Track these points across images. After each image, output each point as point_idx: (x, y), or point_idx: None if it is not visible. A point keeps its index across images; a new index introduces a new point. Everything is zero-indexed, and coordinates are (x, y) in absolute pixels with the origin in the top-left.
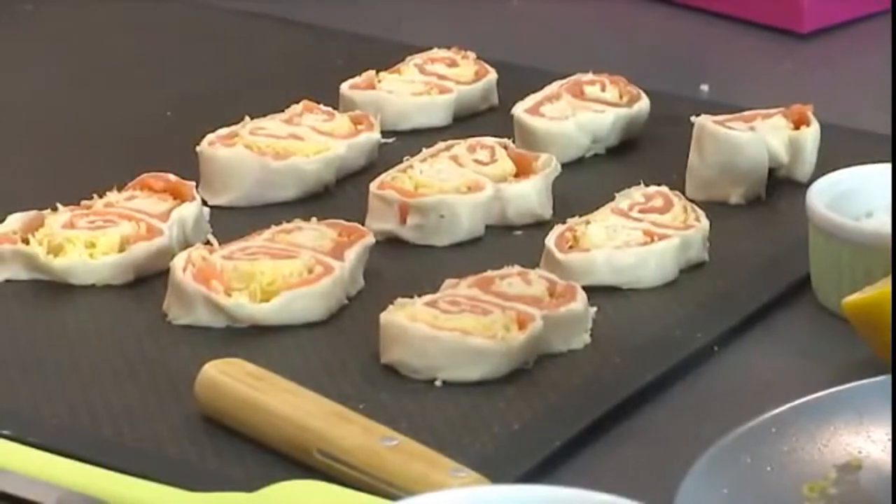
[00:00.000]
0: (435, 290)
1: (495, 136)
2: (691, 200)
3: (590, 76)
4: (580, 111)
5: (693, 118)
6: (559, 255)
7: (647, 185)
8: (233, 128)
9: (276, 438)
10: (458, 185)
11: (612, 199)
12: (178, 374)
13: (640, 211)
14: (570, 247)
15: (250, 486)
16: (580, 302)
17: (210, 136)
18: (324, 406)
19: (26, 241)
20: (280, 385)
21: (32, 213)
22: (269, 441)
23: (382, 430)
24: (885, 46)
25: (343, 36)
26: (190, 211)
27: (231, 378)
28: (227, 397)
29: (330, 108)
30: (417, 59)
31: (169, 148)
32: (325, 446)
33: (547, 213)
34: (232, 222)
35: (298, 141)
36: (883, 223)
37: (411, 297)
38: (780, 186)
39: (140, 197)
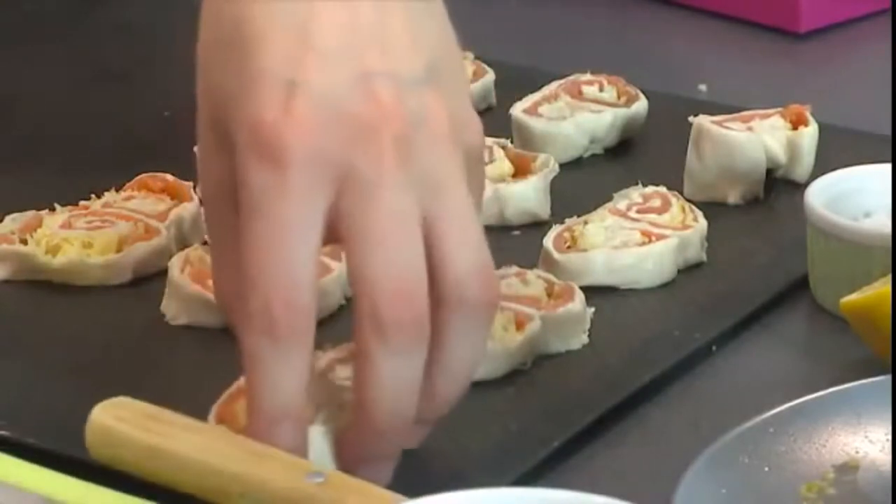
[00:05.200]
0: None
1: (493, 136)
2: (689, 200)
3: (588, 76)
4: (578, 111)
5: (691, 118)
6: (557, 256)
7: (645, 185)
8: None
9: (193, 486)
10: None
11: (610, 199)
12: (175, 375)
13: (639, 211)
14: (568, 247)
15: None
16: (578, 302)
17: None
18: (235, 444)
19: (24, 242)
20: (180, 424)
21: (30, 213)
22: (187, 489)
23: (304, 465)
24: (883, 46)
25: None
26: (188, 211)
27: (127, 424)
28: (125, 446)
29: None
30: None
31: (167, 148)
32: (247, 491)
33: (545, 213)
34: None
35: None
36: (881, 223)
37: None
38: (779, 187)
39: (138, 197)
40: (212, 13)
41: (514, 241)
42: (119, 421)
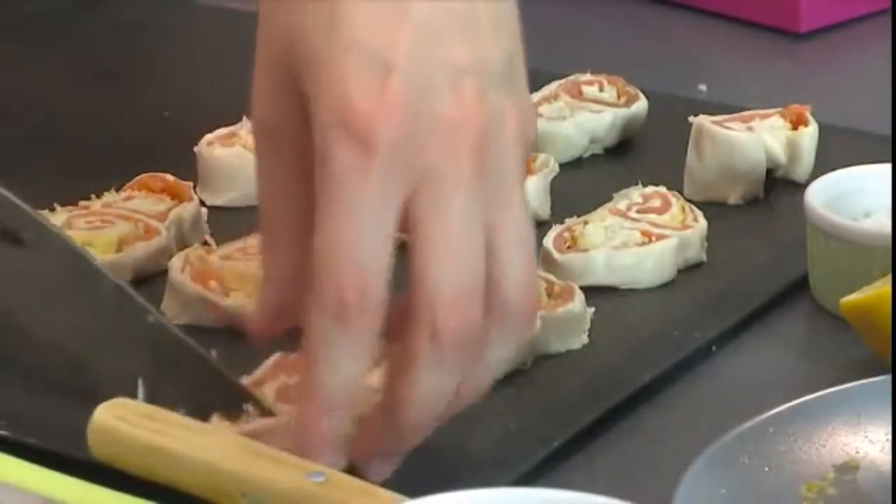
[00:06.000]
0: None
1: None
2: (689, 200)
3: (588, 76)
4: (578, 111)
5: (691, 118)
6: (557, 256)
7: (645, 185)
8: (231, 128)
9: (195, 486)
10: None
11: (610, 199)
12: None
13: (639, 211)
14: (568, 247)
15: None
16: (578, 302)
17: (208, 136)
18: (235, 443)
19: None
20: (180, 424)
21: None
22: (188, 489)
23: (305, 465)
24: (883, 46)
25: None
26: (188, 211)
27: (128, 424)
28: (126, 445)
29: None
30: None
31: (167, 148)
32: (248, 490)
33: (545, 213)
34: (230, 222)
35: None
36: (881, 223)
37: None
38: (779, 187)
39: (138, 197)
40: None
41: None
42: (121, 421)
